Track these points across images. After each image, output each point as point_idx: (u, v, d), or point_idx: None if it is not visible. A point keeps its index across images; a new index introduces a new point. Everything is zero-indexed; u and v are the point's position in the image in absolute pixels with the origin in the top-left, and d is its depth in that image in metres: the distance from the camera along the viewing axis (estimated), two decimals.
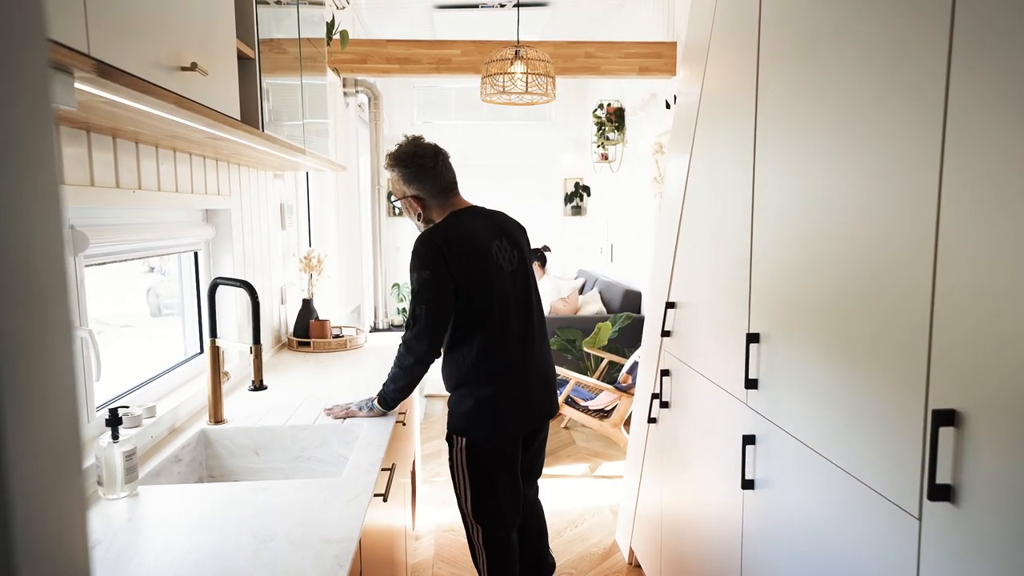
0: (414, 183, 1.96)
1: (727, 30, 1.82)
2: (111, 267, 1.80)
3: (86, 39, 0.87)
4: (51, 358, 0.27)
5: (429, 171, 1.95)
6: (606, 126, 5.43)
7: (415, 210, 2.00)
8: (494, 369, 1.93)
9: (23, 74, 0.26)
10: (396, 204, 2.07)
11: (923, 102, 0.99)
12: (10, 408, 0.24)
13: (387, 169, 2.00)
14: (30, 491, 0.25)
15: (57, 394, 0.28)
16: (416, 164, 1.94)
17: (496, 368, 1.93)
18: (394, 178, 2.00)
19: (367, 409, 1.90)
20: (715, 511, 1.81)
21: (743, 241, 1.64)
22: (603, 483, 3.54)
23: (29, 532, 0.25)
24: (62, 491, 0.28)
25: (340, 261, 4.10)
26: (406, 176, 1.96)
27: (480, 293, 1.90)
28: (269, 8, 1.83)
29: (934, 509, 0.95)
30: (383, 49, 3.88)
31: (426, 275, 1.87)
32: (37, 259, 0.26)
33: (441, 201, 1.99)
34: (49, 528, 0.27)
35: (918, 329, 0.99)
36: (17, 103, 0.25)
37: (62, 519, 0.28)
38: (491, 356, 1.92)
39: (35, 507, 0.26)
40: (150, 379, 1.90)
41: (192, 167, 1.95)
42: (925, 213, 0.98)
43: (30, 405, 0.26)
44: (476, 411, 1.93)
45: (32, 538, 0.25)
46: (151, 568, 1.08)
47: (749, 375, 1.56)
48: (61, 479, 0.28)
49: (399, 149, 1.97)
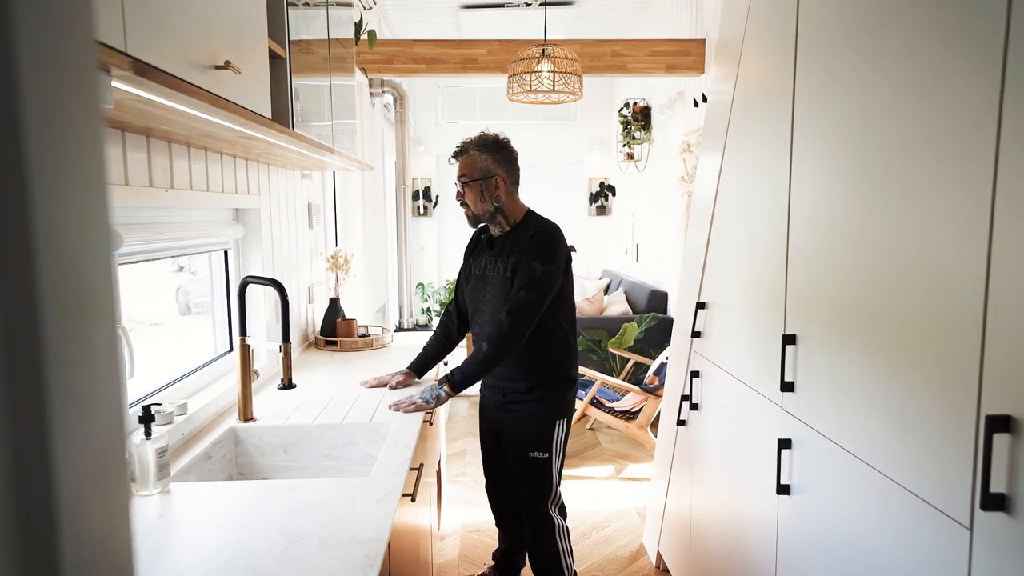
0: (503, 166, 2.04)
1: (762, 26, 1.78)
2: (142, 267, 1.82)
3: (123, 37, 0.87)
4: (99, 355, 0.26)
5: (515, 161, 2.08)
6: (632, 125, 5.38)
7: (497, 191, 2.02)
8: (575, 354, 2.15)
9: (75, 77, 0.25)
10: (466, 183, 2.04)
11: (975, 96, 0.95)
12: (59, 405, 0.23)
13: (475, 150, 2.03)
14: (78, 487, 0.25)
15: (104, 391, 0.27)
16: (507, 151, 2.06)
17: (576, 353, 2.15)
18: (481, 159, 2.02)
19: (435, 400, 1.95)
20: (748, 516, 1.77)
21: (779, 240, 1.60)
22: (630, 485, 3.51)
23: (75, 528, 0.25)
24: (108, 487, 0.28)
25: (366, 261, 4.12)
26: (496, 159, 2.03)
27: (567, 284, 2.08)
28: (299, 9, 1.84)
29: (987, 519, 0.91)
30: (410, 49, 3.89)
31: (554, 267, 1.98)
32: (87, 259, 0.26)
33: (515, 191, 2.09)
34: (95, 523, 0.27)
35: (970, 330, 0.95)
36: (70, 106, 0.25)
37: (108, 514, 0.28)
38: (574, 343, 2.14)
39: (82, 502, 0.25)
40: (181, 377, 1.92)
41: (223, 166, 1.96)
42: (978, 209, 0.94)
43: (79, 401, 0.25)
44: (573, 395, 2.13)
45: (78, 533, 0.25)
46: (184, 565, 1.08)
47: (785, 377, 1.52)
48: (108, 475, 0.27)
49: (486, 135, 2.05)
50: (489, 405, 2.22)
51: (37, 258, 0.22)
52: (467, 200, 2.04)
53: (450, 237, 7.00)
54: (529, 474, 2.09)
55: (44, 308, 0.23)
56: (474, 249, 2.20)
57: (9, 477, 0.22)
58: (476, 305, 2.11)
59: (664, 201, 4.97)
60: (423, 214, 6.82)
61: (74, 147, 0.25)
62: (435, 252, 6.99)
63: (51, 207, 0.23)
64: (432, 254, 6.98)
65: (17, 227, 0.22)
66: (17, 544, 0.22)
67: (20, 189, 0.22)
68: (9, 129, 0.21)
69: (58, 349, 0.23)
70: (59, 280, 0.23)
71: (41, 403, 0.23)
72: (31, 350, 0.22)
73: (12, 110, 0.21)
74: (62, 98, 0.24)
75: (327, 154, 2.09)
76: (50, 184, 0.23)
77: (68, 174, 0.24)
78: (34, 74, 0.22)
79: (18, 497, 0.22)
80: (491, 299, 2.04)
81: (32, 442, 0.23)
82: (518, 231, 2.04)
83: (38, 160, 0.22)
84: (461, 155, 2.05)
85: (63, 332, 0.23)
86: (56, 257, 0.23)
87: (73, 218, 0.24)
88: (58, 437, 0.23)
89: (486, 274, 2.08)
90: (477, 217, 2.06)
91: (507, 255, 2.02)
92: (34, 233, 0.22)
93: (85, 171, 0.26)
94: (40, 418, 0.23)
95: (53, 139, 0.23)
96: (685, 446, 2.36)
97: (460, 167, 2.05)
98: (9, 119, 0.21)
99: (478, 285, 2.10)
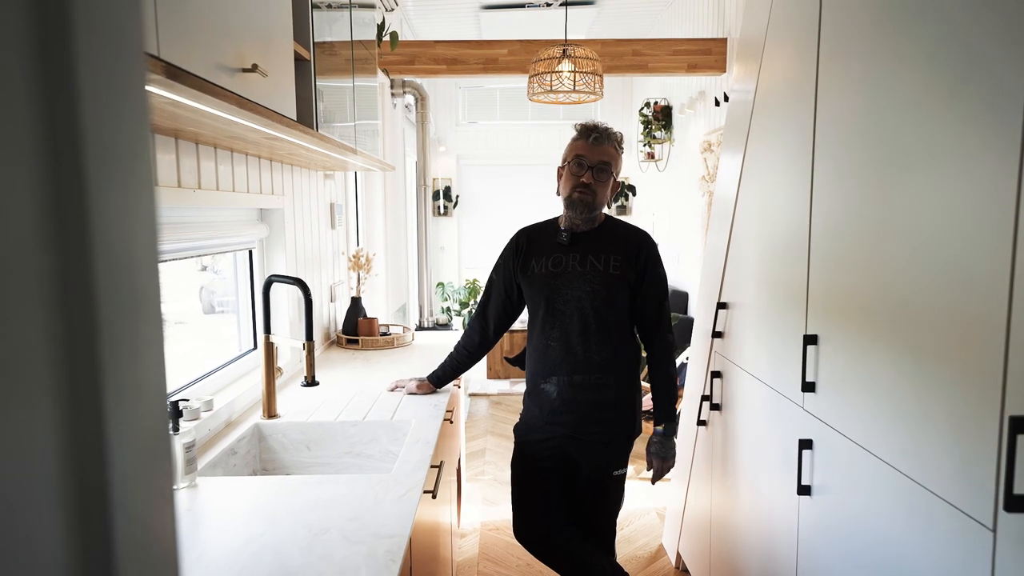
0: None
1: (785, 23, 1.77)
2: (167, 267, 1.86)
3: (156, 42, 0.90)
4: (147, 347, 0.28)
5: None
6: (652, 124, 5.36)
7: (614, 192, 1.93)
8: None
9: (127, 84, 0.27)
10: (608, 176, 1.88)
11: (1000, 96, 0.94)
12: (112, 392, 0.25)
13: (620, 147, 1.92)
14: (128, 469, 0.26)
15: (151, 381, 0.29)
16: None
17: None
18: (621, 159, 1.92)
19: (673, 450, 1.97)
20: (768, 517, 1.77)
21: (800, 240, 1.59)
22: (649, 485, 3.50)
23: (125, 506, 0.26)
24: (155, 471, 0.29)
25: (387, 260, 4.16)
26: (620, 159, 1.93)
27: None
28: (323, 12, 1.87)
29: (1010, 521, 0.91)
30: (431, 50, 3.92)
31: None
32: (137, 256, 0.27)
33: None
34: (143, 503, 0.28)
35: (994, 330, 0.94)
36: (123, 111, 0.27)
37: (154, 496, 0.29)
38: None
39: (132, 483, 0.27)
40: (207, 374, 1.95)
41: (248, 167, 2.00)
42: (1003, 210, 0.93)
43: (129, 390, 0.26)
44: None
45: (128, 512, 0.27)
46: (212, 558, 1.11)
47: (806, 378, 1.52)
48: (154, 460, 0.29)
49: (618, 133, 1.93)
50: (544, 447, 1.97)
51: (93, 257, 0.24)
52: (597, 189, 1.85)
53: (470, 237, 7.03)
54: (613, 496, 1.98)
55: (99, 303, 0.24)
56: (523, 251, 1.98)
57: (69, 458, 0.24)
58: (553, 304, 1.90)
59: (685, 201, 4.95)
60: (443, 214, 6.85)
61: (126, 153, 0.27)
62: (455, 252, 7.02)
63: (105, 209, 0.25)
64: (452, 254, 7.01)
65: (77, 228, 0.23)
66: (75, 520, 0.24)
67: (79, 193, 0.23)
68: (71, 139, 0.23)
69: (111, 339, 0.25)
70: (112, 276, 0.25)
71: (97, 391, 0.24)
72: (88, 341, 0.24)
73: (73, 120, 0.23)
74: (115, 107, 0.26)
75: (349, 154, 2.11)
76: (105, 187, 0.25)
77: (121, 178, 0.26)
78: (91, 84, 0.24)
79: (77, 477, 0.24)
80: (586, 295, 1.86)
81: (89, 426, 0.24)
82: (604, 228, 1.93)
83: (95, 166, 0.24)
84: (606, 141, 1.87)
85: (116, 325, 0.25)
86: (110, 255, 0.25)
87: (125, 219, 0.26)
88: (111, 422, 0.25)
89: (566, 271, 1.89)
90: (594, 208, 1.87)
91: (598, 251, 1.88)
92: (91, 233, 0.24)
93: (136, 175, 0.27)
94: (95, 404, 0.24)
95: (107, 147, 0.25)
96: (705, 446, 2.35)
97: (603, 153, 1.86)
98: (71, 129, 0.23)
99: (554, 283, 1.89)
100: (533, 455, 1.98)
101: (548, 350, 1.91)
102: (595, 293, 1.85)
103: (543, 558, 1.99)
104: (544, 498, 1.98)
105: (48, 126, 0.22)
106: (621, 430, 1.92)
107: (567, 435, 1.92)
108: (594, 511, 1.98)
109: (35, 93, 0.22)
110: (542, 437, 1.96)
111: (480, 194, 6.97)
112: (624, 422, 1.91)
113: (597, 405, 1.88)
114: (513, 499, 2.04)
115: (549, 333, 1.91)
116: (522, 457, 2.02)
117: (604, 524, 2.00)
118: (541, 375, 1.94)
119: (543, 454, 1.96)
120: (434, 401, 2.04)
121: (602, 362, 1.88)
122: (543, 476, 1.98)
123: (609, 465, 1.92)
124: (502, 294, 2.04)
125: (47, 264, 0.22)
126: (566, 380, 1.89)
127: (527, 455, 2.00)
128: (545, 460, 1.96)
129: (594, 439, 1.90)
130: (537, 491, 1.99)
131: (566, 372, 1.89)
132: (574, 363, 1.88)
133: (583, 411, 1.89)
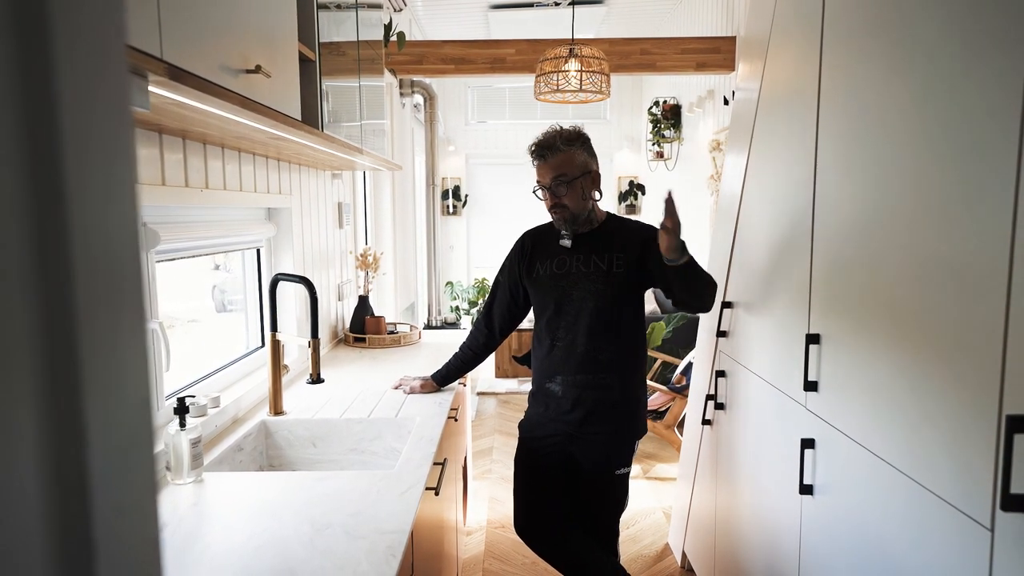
0: (594, 159, 1.89)
1: (788, 21, 1.77)
2: (180, 266, 1.88)
3: (159, 44, 0.91)
4: (128, 344, 0.29)
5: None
6: (661, 123, 5.35)
7: (594, 186, 1.88)
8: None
9: (104, 79, 0.28)
10: (566, 183, 1.83)
11: (999, 93, 0.94)
12: (92, 391, 0.26)
13: (566, 145, 1.82)
14: (107, 467, 0.27)
15: (133, 379, 0.29)
16: (591, 143, 1.90)
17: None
18: (577, 154, 1.83)
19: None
20: (772, 516, 1.77)
21: (803, 239, 1.59)
22: (656, 485, 3.50)
23: (105, 511, 0.27)
24: (136, 460, 0.30)
25: (395, 259, 4.18)
26: (588, 152, 1.87)
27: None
28: (329, 12, 1.88)
29: (1008, 520, 0.91)
30: (439, 50, 3.93)
31: None
32: (117, 251, 0.28)
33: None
34: (125, 506, 0.29)
35: (992, 331, 0.94)
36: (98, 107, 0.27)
37: (136, 498, 0.30)
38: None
39: (112, 482, 0.27)
40: (214, 371, 1.98)
41: (255, 167, 2.02)
42: (1002, 208, 0.93)
43: (108, 380, 0.27)
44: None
45: (108, 511, 0.27)
46: (215, 552, 1.13)
47: (808, 377, 1.52)
48: (136, 448, 0.30)
49: (566, 130, 1.86)
50: (548, 444, 1.98)
51: (72, 251, 0.25)
52: (567, 201, 1.83)
53: (479, 236, 7.04)
54: (615, 496, 1.98)
55: (78, 300, 0.25)
56: (528, 254, 1.99)
57: (49, 446, 0.25)
58: (558, 305, 1.90)
59: (694, 200, 4.93)
60: (452, 213, 6.87)
61: (105, 147, 0.27)
62: (464, 251, 7.03)
63: (84, 204, 0.26)
64: (461, 253, 7.02)
65: (55, 223, 0.24)
66: (55, 518, 0.25)
67: (57, 186, 0.24)
68: (49, 135, 0.24)
69: (91, 337, 0.26)
70: (91, 273, 0.26)
71: (75, 388, 0.25)
72: (67, 334, 0.25)
73: (51, 117, 0.24)
74: (94, 102, 0.27)
75: (356, 154, 2.13)
76: (83, 182, 0.26)
77: (99, 172, 0.27)
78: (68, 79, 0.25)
79: (56, 465, 0.25)
80: (591, 295, 1.85)
81: (68, 423, 0.25)
82: (606, 228, 1.91)
83: (73, 160, 0.25)
84: (550, 153, 1.82)
85: (93, 322, 0.26)
86: (88, 250, 0.26)
87: (102, 215, 0.27)
88: (91, 419, 0.26)
89: (570, 272, 1.89)
90: (576, 217, 1.85)
91: (601, 250, 1.87)
92: (70, 228, 0.25)
93: (115, 169, 0.28)
94: (74, 401, 0.25)
95: (86, 141, 0.26)
96: (710, 446, 2.35)
97: (553, 167, 1.82)
98: (49, 126, 0.24)
99: (559, 285, 1.89)
100: (536, 451, 1.99)
101: (553, 350, 1.92)
102: (600, 293, 1.85)
103: (542, 553, 2.00)
104: (545, 493, 1.99)
105: (26, 123, 0.23)
106: (624, 429, 1.92)
107: (570, 433, 1.93)
108: (596, 510, 1.99)
109: (13, 86, 0.23)
110: (546, 434, 1.97)
111: (489, 193, 6.98)
112: (628, 421, 1.92)
113: (602, 404, 1.89)
114: (515, 493, 2.05)
115: (555, 334, 1.92)
116: (525, 453, 2.03)
117: (606, 523, 2.01)
118: (547, 375, 1.95)
119: (546, 451, 1.97)
120: (439, 399, 2.05)
121: (607, 362, 1.88)
122: (545, 472, 1.98)
123: (611, 464, 1.93)
124: (507, 296, 2.05)
125: (25, 261, 0.23)
126: (571, 380, 1.90)
127: (530, 451, 2.01)
128: (548, 457, 1.97)
129: (597, 437, 1.91)
130: (538, 486, 1.99)
131: (571, 372, 1.89)
132: (579, 363, 1.88)
133: (588, 410, 1.89)
